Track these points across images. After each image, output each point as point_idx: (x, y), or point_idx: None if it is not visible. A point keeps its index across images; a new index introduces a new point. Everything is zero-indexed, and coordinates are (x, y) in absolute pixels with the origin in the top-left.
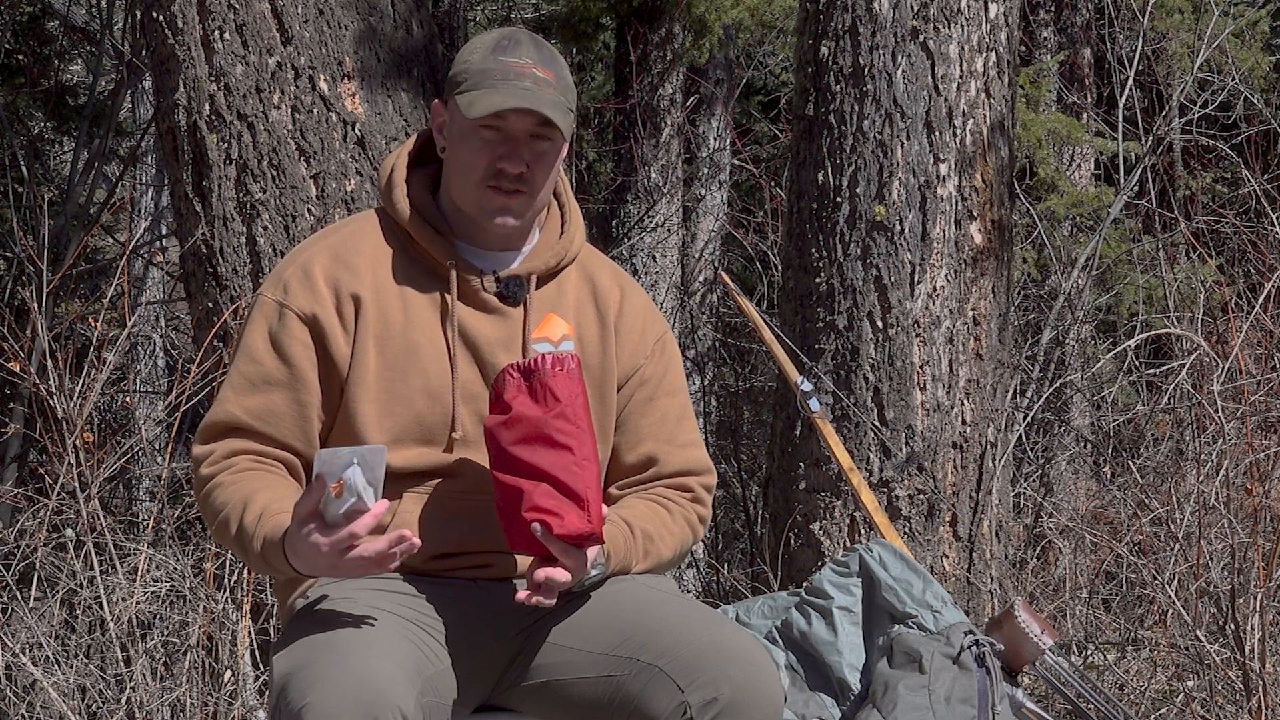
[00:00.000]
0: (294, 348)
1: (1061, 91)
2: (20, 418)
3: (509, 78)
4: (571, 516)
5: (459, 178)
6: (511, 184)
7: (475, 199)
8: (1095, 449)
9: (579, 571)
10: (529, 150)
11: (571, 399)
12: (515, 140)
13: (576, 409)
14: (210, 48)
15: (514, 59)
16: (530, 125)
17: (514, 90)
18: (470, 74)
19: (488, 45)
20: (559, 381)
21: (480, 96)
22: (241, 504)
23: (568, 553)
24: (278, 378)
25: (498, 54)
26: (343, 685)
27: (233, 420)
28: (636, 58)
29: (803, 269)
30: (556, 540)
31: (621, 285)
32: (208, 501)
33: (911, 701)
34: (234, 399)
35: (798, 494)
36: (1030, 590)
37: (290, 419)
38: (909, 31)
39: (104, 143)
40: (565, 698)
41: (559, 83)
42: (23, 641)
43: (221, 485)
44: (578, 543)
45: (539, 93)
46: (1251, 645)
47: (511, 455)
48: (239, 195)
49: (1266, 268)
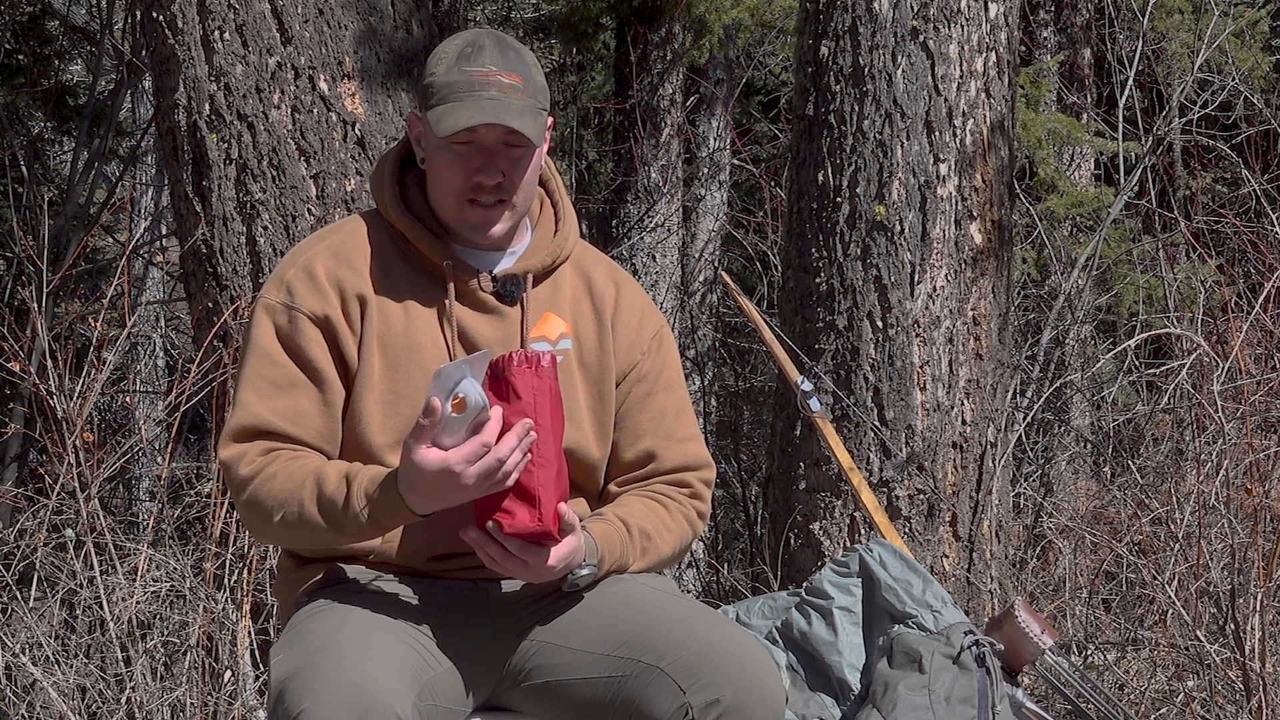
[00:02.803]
0: (312, 349)
1: (1061, 91)
2: (20, 418)
3: (474, 89)
4: (523, 515)
5: (438, 191)
6: (490, 195)
7: (455, 213)
8: (1095, 449)
9: (542, 569)
10: (503, 159)
11: (535, 397)
12: (488, 152)
13: (541, 408)
14: (210, 48)
15: (477, 68)
16: (501, 134)
17: (479, 103)
18: (437, 87)
19: (452, 55)
20: (522, 378)
21: (447, 113)
22: (314, 481)
23: (525, 550)
24: (300, 380)
25: (461, 64)
26: (338, 692)
27: (263, 423)
28: (636, 58)
29: (803, 269)
30: (509, 539)
31: (617, 282)
32: (261, 495)
33: (911, 701)
34: (260, 402)
35: (798, 494)
36: (1030, 590)
37: (318, 419)
38: (909, 31)
39: (104, 143)
40: (566, 698)
41: (527, 85)
42: (23, 641)
43: (274, 475)
44: (531, 540)
45: (505, 101)
46: (1251, 645)
47: None
48: (239, 195)
49: (1266, 268)
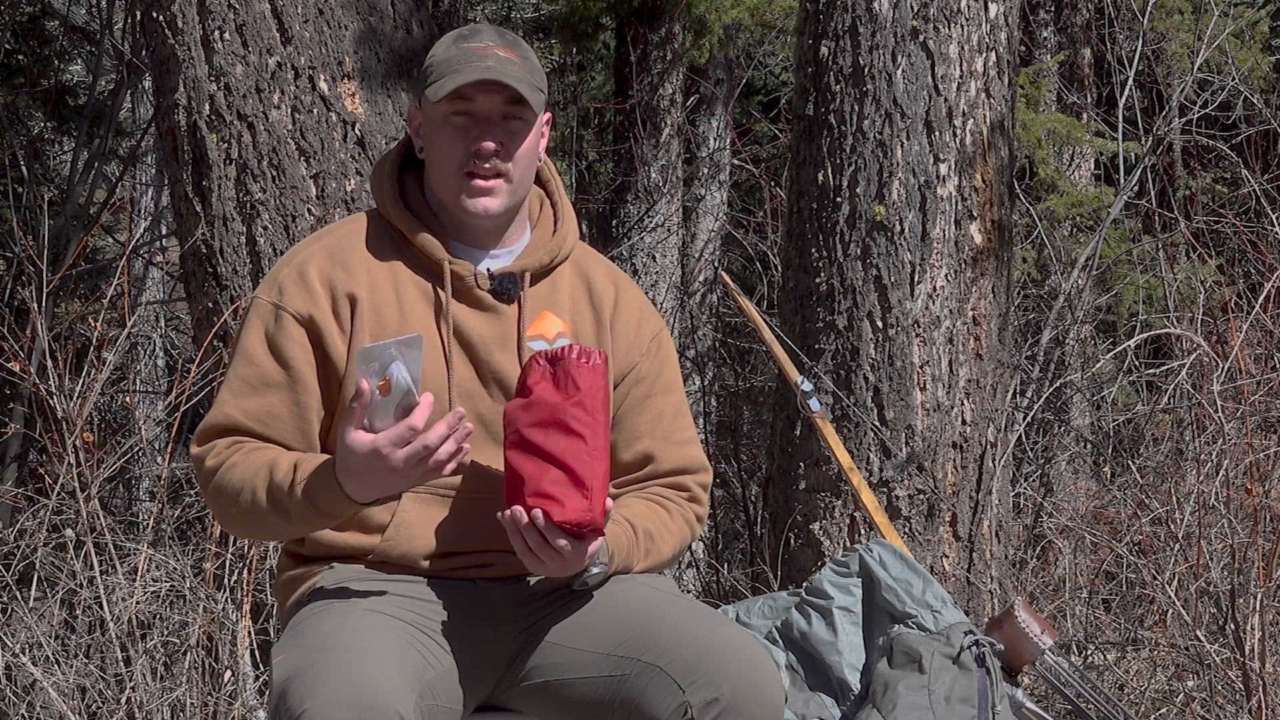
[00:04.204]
0: (291, 349)
1: (1061, 91)
2: (20, 418)
3: (471, 60)
4: (574, 502)
5: (438, 170)
6: (488, 167)
7: (455, 189)
8: (1095, 449)
9: (575, 563)
10: (501, 130)
11: (592, 391)
12: (486, 121)
13: (596, 402)
14: (210, 48)
15: (475, 44)
16: (499, 104)
17: (477, 68)
18: (435, 65)
19: (449, 39)
20: (582, 372)
21: (445, 81)
22: (267, 469)
23: (563, 541)
24: (276, 379)
25: (459, 42)
26: (340, 691)
27: (231, 422)
28: (636, 58)
29: (803, 269)
30: (555, 529)
31: (616, 283)
32: (221, 486)
33: (911, 701)
34: (232, 401)
35: (798, 494)
36: (1030, 590)
37: (289, 420)
38: (909, 31)
39: (104, 143)
40: (566, 698)
41: (524, 63)
42: (23, 641)
43: (234, 465)
44: (576, 532)
45: (502, 69)
46: (1251, 645)
47: (526, 438)
48: (239, 195)
49: (1266, 268)
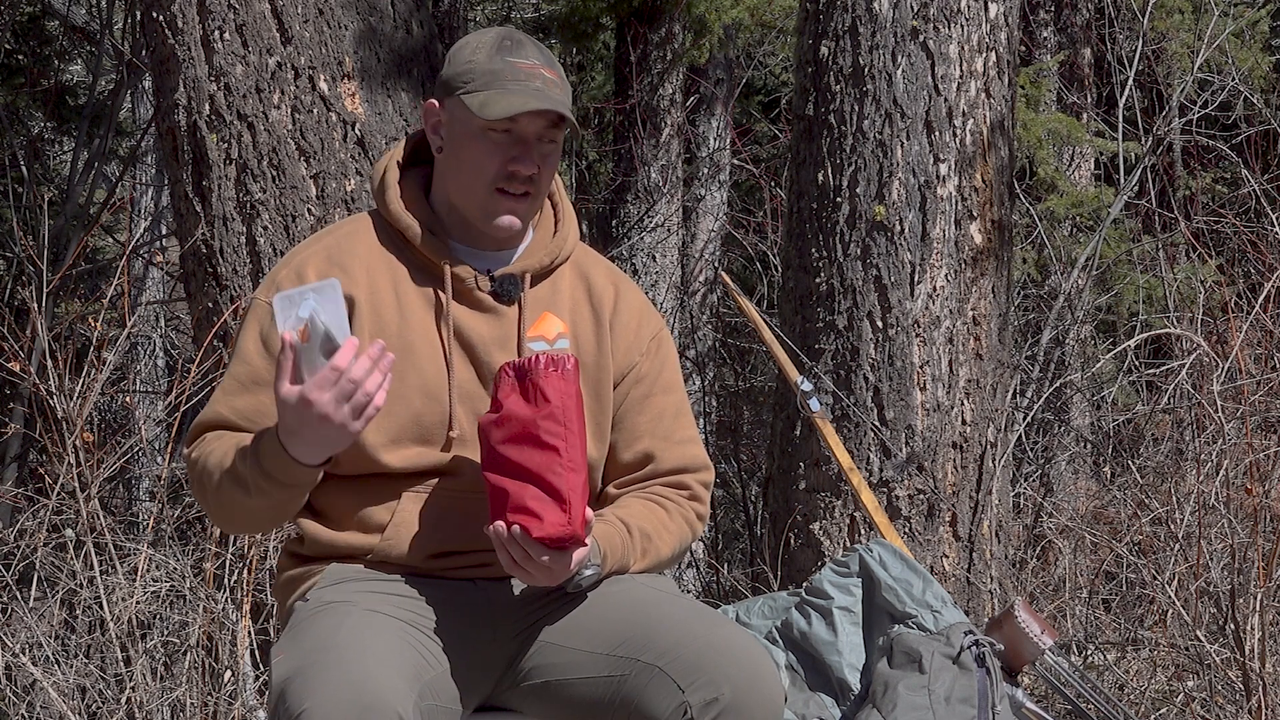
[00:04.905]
0: None
1: (1061, 91)
2: (20, 418)
3: (520, 78)
4: (551, 516)
5: (465, 180)
6: (521, 186)
7: (481, 202)
8: (1095, 449)
9: (561, 573)
10: (538, 152)
11: (563, 401)
12: (526, 142)
13: (568, 411)
14: (210, 48)
15: (521, 60)
16: (541, 127)
17: (528, 91)
18: (477, 74)
19: (490, 45)
20: (550, 382)
21: (494, 98)
22: (235, 450)
23: (548, 555)
24: (267, 378)
25: (504, 54)
26: (340, 691)
27: (220, 420)
28: (636, 58)
29: (803, 269)
30: (535, 544)
31: (616, 283)
32: (200, 472)
33: (911, 701)
34: (223, 399)
35: (798, 494)
36: (1030, 590)
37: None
38: (909, 31)
39: (104, 143)
40: (565, 698)
41: (563, 83)
42: (23, 641)
43: (211, 452)
44: (558, 545)
45: (550, 93)
46: (1251, 645)
47: (500, 454)
48: (239, 195)
49: (1266, 268)
